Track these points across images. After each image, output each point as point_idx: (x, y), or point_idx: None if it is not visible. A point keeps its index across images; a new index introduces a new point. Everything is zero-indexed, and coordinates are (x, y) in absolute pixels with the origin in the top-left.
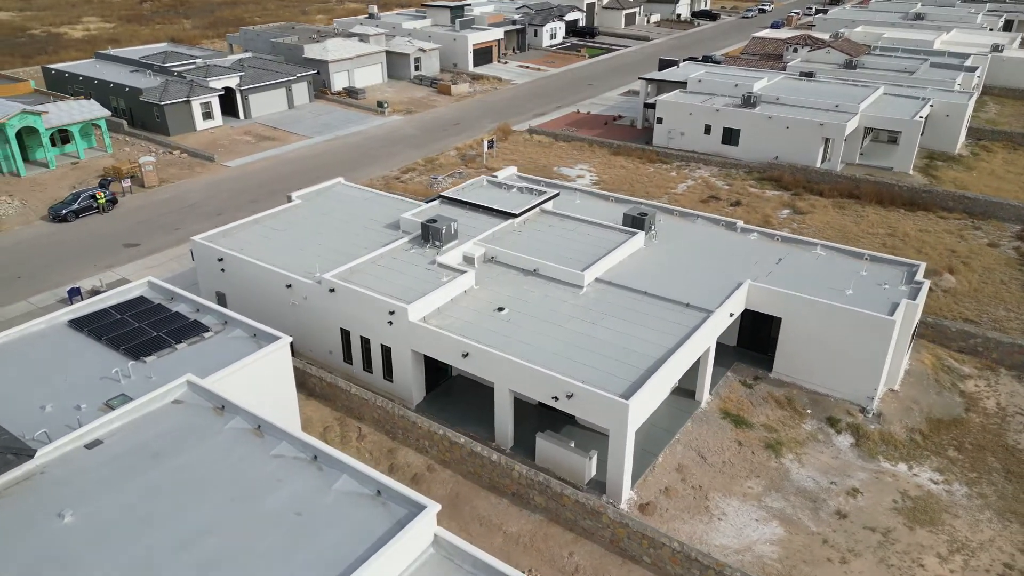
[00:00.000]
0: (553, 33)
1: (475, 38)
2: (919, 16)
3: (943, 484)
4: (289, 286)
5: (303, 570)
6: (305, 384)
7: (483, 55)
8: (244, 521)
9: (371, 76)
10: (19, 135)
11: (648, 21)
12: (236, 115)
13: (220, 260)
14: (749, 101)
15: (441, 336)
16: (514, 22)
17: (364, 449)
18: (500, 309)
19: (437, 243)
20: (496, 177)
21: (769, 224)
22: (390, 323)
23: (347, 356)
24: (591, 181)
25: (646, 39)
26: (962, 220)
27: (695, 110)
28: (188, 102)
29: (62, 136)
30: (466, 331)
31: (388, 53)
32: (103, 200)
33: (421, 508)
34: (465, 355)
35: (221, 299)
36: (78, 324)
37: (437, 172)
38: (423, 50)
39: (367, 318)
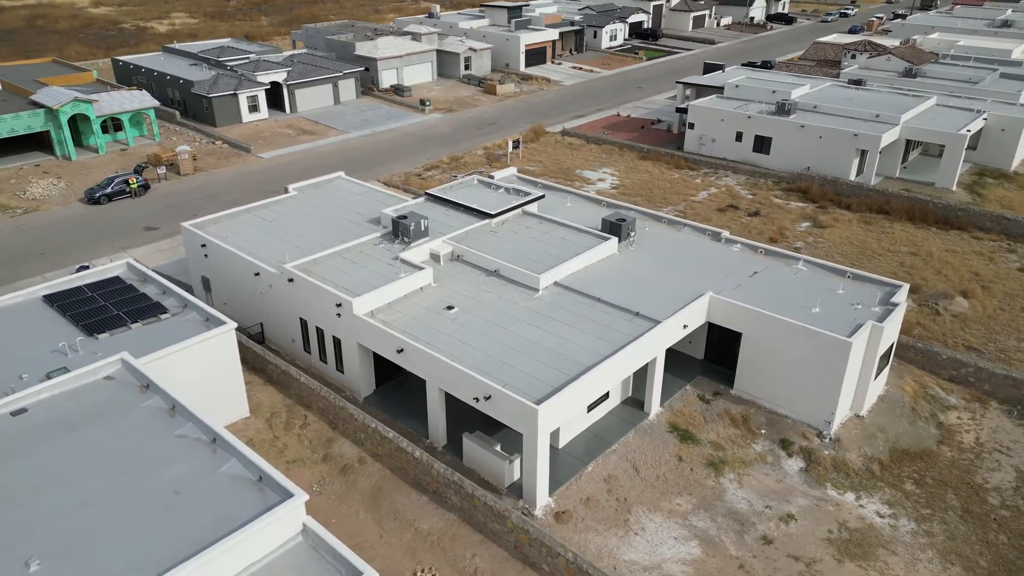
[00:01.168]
0: (613, 35)
1: (528, 38)
2: (1007, 23)
3: (889, 518)
4: (257, 274)
5: (162, 546)
6: (264, 370)
7: (536, 55)
8: (126, 495)
9: (420, 74)
10: (73, 121)
11: (718, 24)
12: (283, 109)
13: (203, 246)
14: (783, 108)
15: (379, 331)
16: (572, 23)
17: (304, 437)
18: (450, 308)
19: (406, 239)
20: (492, 177)
21: (784, 237)
22: (338, 315)
23: (306, 345)
24: (611, 185)
25: (711, 42)
26: (998, 242)
27: (727, 116)
28: (235, 95)
29: (115, 124)
30: (410, 327)
31: (439, 52)
32: (135, 185)
33: (291, 496)
34: (400, 351)
35: (206, 284)
36: (50, 299)
37: (459, 171)
38: (473, 50)
39: (320, 309)
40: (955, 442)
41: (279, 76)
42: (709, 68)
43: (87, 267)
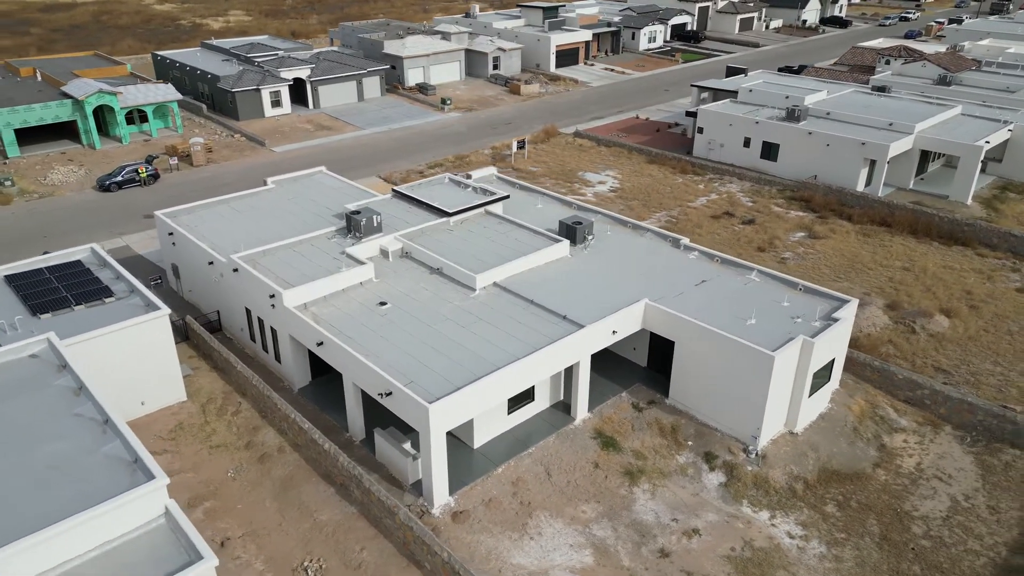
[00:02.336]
0: (652, 36)
1: (559, 39)
2: None
3: (799, 540)
4: (211, 263)
5: (21, 517)
6: (211, 357)
7: (568, 56)
8: (5, 466)
9: (448, 73)
10: (100, 112)
11: (767, 27)
12: (306, 104)
13: (171, 235)
14: (792, 115)
15: (304, 323)
16: (609, 24)
17: (234, 424)
18: (382, 303)
19: (357, 234)
20: (470, 176)
21: (774, 247)
22: (272, 306)
23: (252, 335)
24: (610, 188)
25: (755, 45)
26: (1002, 260)
27: (735, 121)
28: (258, 90)
29: (141, 115)
30: (339, 321)
31: (469, 52)
32: (144, 175)
33: (155, 480)
34: (319, 344)
35: (175, 271)
36: (10, 279)
37: (464, 169)
38: (502, 49)
39: (259, 300)
40: (893, 466)
41: (303, 73)
42: (731, 72)
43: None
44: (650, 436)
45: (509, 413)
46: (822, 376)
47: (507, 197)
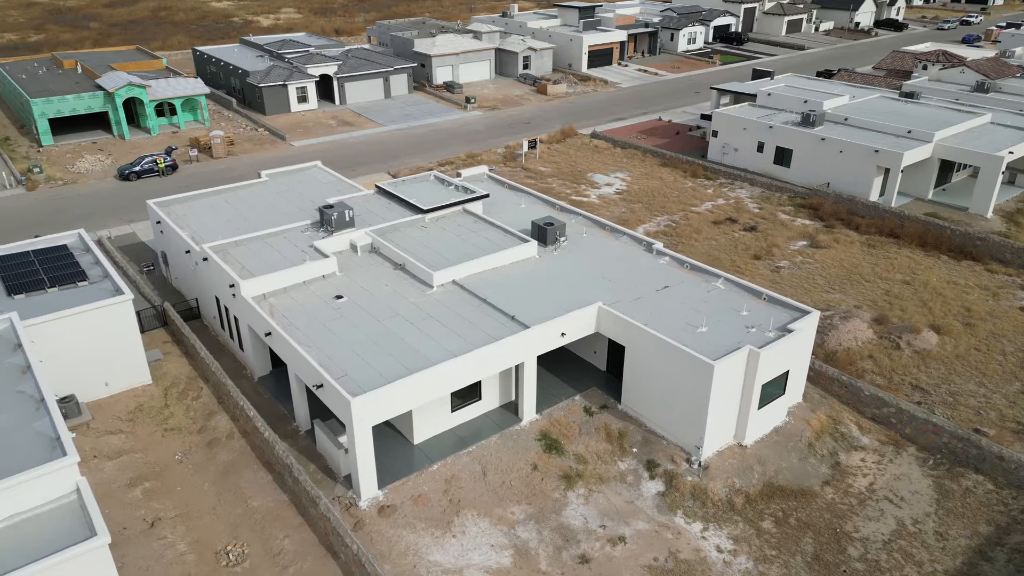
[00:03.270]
0: (692, 38)
1: (591, 39)
2: None
3: (727, 554)
4: (188, 252)
5: None
6: (182, 343)
7: (601, 57)
8: None
9: (477, 72)
10: (131, 104)
11: (816, 29)
12: (333, 100)
13: (159, 223)
14: (807, 120)
15: (256, 312)
16: (647, 25)
17: (192, 408)
18: (338, 297)
19: (329, 228)
20: (459, 175)
21: (771, 255)
22: (233, 295)
23: (221, 322)
24: (616, 190)
25: (800, 48)
26: (1013, 276)
27: (749, 125)
28: (285, 86)
29: (171, 108)
30: (292, 313)
31: (500, 51)
32: (163, 165)
33: (65, 457)
34: (268, 334)
35: (164, 258)
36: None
37: (472, 167)
38: (533, 49)
39: (223, 289)
40: (843, 485)
41: (330, 69)
42: (757, 75)
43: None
44: (596, 441)
45: (453, 411)
46: (775, 388)
47: (486, 196)
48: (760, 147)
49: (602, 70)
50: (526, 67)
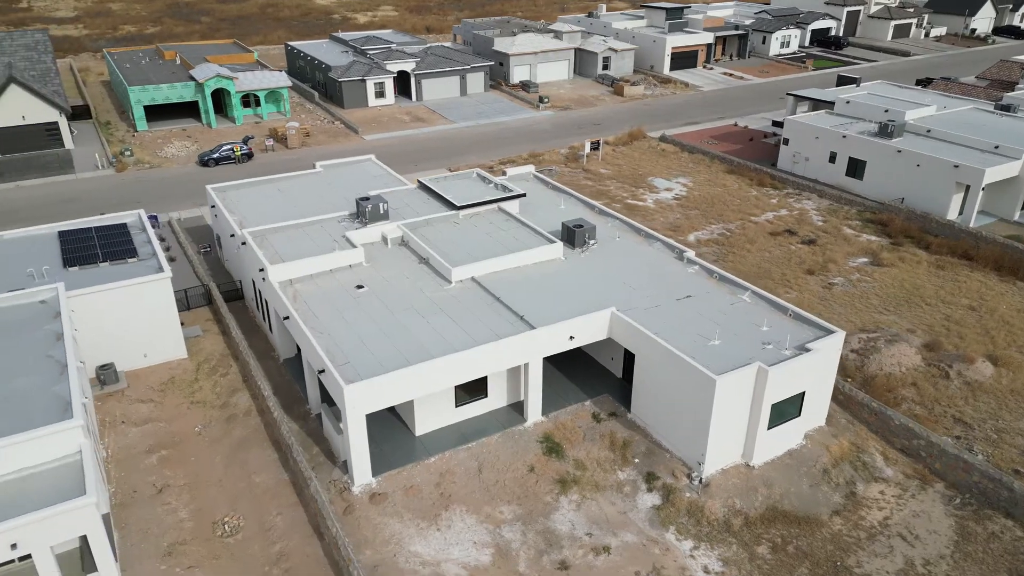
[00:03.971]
0: (785, 41)
1: (674, 41)
2: None
3: (713, 575)
4: (232, 236)
5: None
6: (221, 321)
7: (685, 59)
8: None
9: (556, 72)
10: (221, 95)
11: (926, 35)
12: (410, 96)
13: (213, 207)
14: (885, 130)
15: (278, 298)
16: (737, 27)
17: (219, 384)
18: (359, 287)
19: (363, 220)
20: (505, 173)
21: (826, 270)
22: (263, 279)
23: (257, 304)
24: (675, 196)
25: (905, 54)
26: None
27: (822, 134)
28: (363, 81)
29: (256, 99)
30: (314, 299)
31: (580, 51)
32: (239, 153)
33: (71, 419)
34: (285, 318)
35: (218, 241)
36: (62, 234)
37: (538, 167)
38: (614, 50)
39: (255, 272)
40: (855, 516)
41: (408, 66)
42: (842, 81)
43: (156, 217)
44: (598, 448)
45: (458, 406)
46: (788, 409)
47: (523, 195)
48: (832, 157)
49: (685, 73)
50: (605, 68)
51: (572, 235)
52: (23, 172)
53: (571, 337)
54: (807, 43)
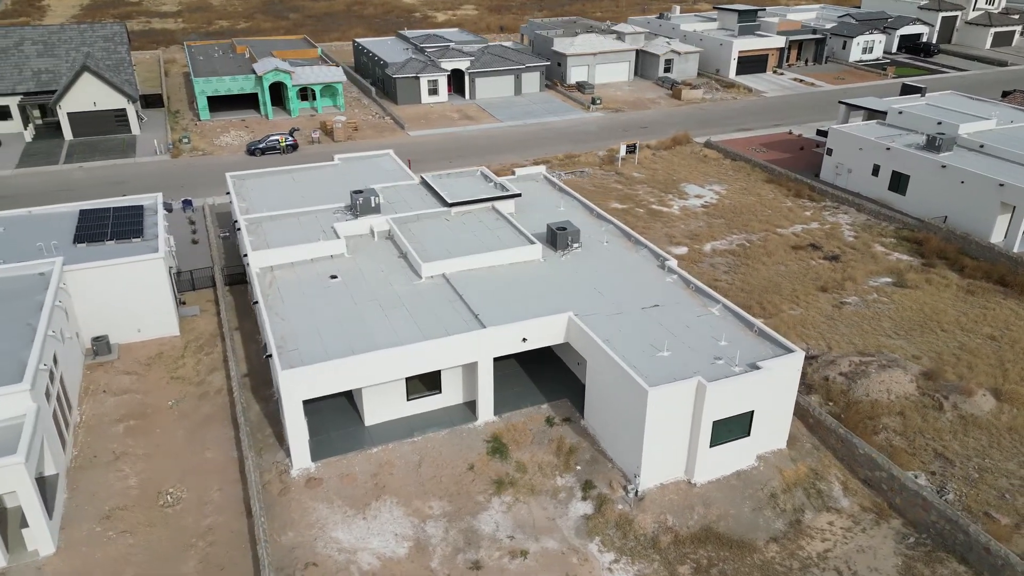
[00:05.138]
0: (868, 47)
1: (742, 45)
2: None
3: None
4: (235, 222)
5: None
6: (218, 303)
7: (754, 63)
8: None
9: (615, 73)
10: (280, 88)
11: None
12: (463, 94)
13: (227, 193)
14: (933, 144)
15: (253, 283)
16: (814, 31)
17: (201, 362)
18: (333, 277)
19: (355, 212)
20: (514, 173)
21: (842, 288)
22: (247, 264)
23: (251, 288)
24: (704, 203)
25: (1002, 64)
26: None
27: (866, 145)
28: (417, 78)
29: (313, 93)
30: (287, 286)
31: (642, 53)
32: (284, 144)
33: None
34: (255, 303)
35: (235, 224)
36: (83, 212)
37: (568, 168)
38: (677, 52)
39: (243, 257)
40: (794, 546)
41: (462, 64)
42: (907, 90)
43: (190, 201)
44: (544, 452)
45: (409, 399)
46: (733, 428)
47: (518, 195)
48: (875, 170)
49: (752, 77)
50: (667, 70)
51: (555, 237)
52: (89, 154)
53: (524, 339)
54: (894, 49)
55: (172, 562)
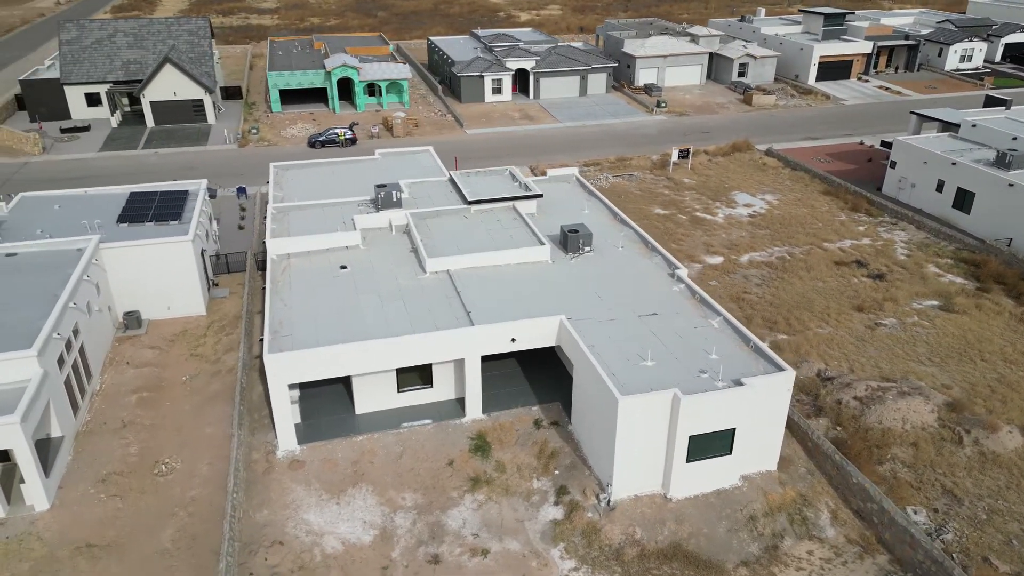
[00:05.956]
0: (967, 55)
1: (824, 50)
2: None
3: None
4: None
5: None
6: (245, 285)
7: (837, 69)
8: None
9: (686, 76)
10: (348, 83)
11: None
12: (527, 94)
13: (267, 182)
14: (1002, 160)
15: (268, 269)
16: (906, 36)
17: (220, 341)
18: (343, 267)
19: (376, 206)
20: (545, 174)
21: (881, 309)
22: (265, 251)
23: None
24: (751, 213)
25: None
26: None
27: (930, 159)
28: (481, 76)
29: (380, 89)
30: (299, 273)
31: (716, 56)
32: (343, 137)
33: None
34: (263, 288)
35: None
36: (133, 195)
37: (617, 171)
38: (753, 56)
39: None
40: (765, 573)
41: (527, 64)
42: (990, 102)
43: (244, 189)
44: (525, 454)
45: (400, 391)
46: (713, 444)
47: (540, 196)
48: (939, 186)
49: (834, 84)
50: (741, 75)
51: (567, 240)
52: (165, 141)
53: (512, 339)
54: (997, 58)
55: (152, 528)
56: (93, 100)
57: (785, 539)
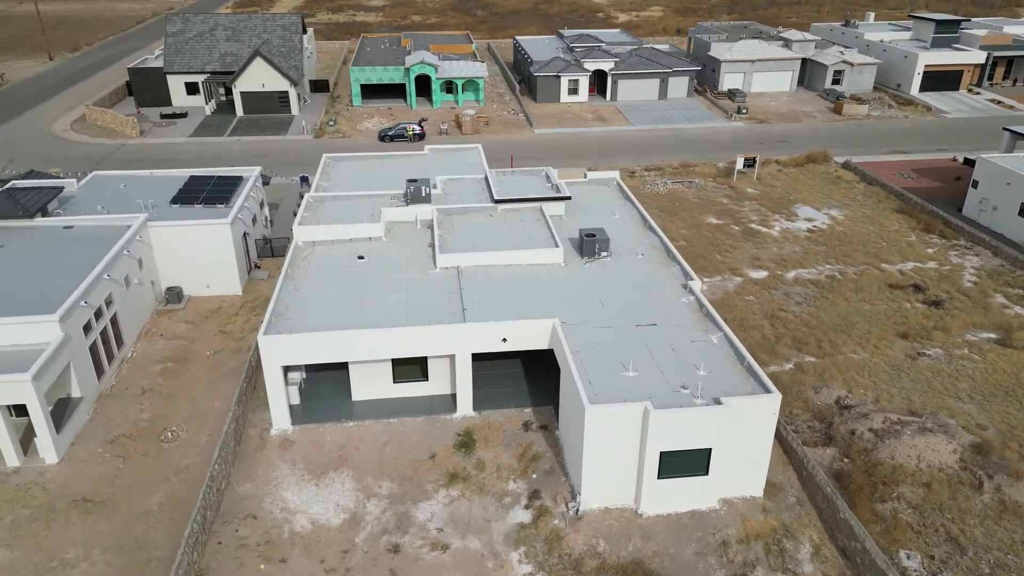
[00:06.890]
0: None
1: (930, 58)
2: None
3: None
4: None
5: None
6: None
7: (945, 80)
8: (15, 276)
9: (775, 82)
10: (426, 80)
11: None
12: (604, 95)
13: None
14: None
15: (289, 254)
16: None
17: (249, 321)
18: (360, 257)
19: (406, 200)
20: (585, 176)
21: (929, 339)
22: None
23: None
24: (810, 228)
25: None
26: None
27: (1014, 179)
28: (558, 77)
29: (458, 86)
30: (319, 261)
31: (809, 62)
32: (411, 132)
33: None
34: (279, 272)
35: None
36: (193, 178)
37: (678, 177)
38: (849, 64)
39: None
40: None
41: (606, 65)
42: None
43: (306, 177)
44: (508, 455)
45: (395, 382)
46: (687, 463)
47: (568, 198)
48: (1022, 210)
49: (938, 95)
50: (836, 82)
51: (583, 244)
52: (250, 129)
53: (504, 339)
54: None
55: (145, 490)
56: (192, 89)
57: (757, 569)
